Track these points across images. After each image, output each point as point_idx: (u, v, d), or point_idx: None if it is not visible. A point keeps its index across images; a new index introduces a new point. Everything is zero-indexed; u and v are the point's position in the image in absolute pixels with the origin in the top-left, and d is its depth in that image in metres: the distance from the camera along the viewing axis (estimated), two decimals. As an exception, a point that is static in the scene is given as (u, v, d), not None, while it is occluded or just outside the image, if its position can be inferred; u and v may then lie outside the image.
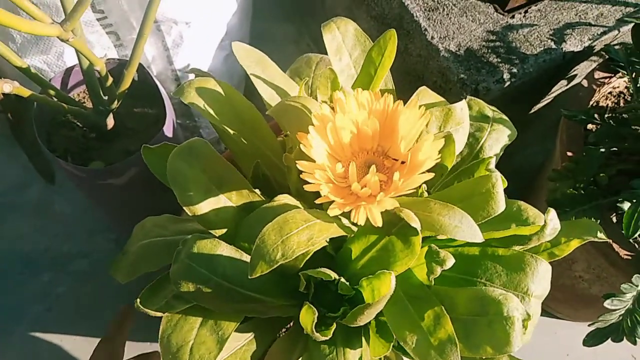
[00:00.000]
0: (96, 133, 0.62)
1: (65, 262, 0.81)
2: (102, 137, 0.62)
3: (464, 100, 0.43)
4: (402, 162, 0.33)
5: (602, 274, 0.58)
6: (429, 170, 0.31)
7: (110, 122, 0.61)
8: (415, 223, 0.32)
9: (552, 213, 0.37)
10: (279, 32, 1.00)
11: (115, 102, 0.57)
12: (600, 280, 0.60)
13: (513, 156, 0.90)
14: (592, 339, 0.50)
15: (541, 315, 0.81)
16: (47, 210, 0.85)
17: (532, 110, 0.78)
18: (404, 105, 0.33)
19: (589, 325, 0.50)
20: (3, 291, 0.79)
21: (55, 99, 0.55)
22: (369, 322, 0.39)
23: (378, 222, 0.30)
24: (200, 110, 0.40)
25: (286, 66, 0.51)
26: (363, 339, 0.40)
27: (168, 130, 0.60)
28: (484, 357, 0.38)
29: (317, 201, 0.31)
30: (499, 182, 0.35)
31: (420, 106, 0.33)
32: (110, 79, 0.53)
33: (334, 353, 0.39)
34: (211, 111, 0.40)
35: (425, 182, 0.39)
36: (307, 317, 0.33)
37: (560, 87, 0.74)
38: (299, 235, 0.33)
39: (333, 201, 0.31)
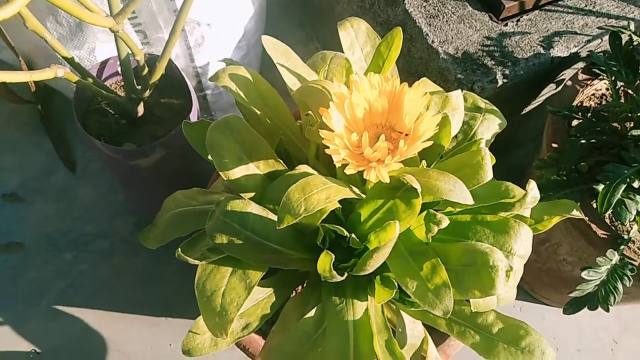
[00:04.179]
0: (127, 119, 0.69)
1: (86, 242, 0.87)
2: (132, 123, 0.69)
3: (459, 90, 0.49)
4: (406, 135, 0.39)
5: (584, 255, 0.64)
6: (427, 140, 0.38)
7: (140, 109, 0.67)
8: (416, 185, 0.38)
9: (533, 184, 0.44)
10: (290, 36, 1.07)
11: (147, 91, 0.64)
12: (582, 262, 0.66)
13: (507, 156, 0.97)
14: (571, 307, 0.56)
15: (530, 301, 0.88)
16: (70, 195, 0.91)
17: (524, 112, 0.85)
18: (409, 87, 0.39)
19: (567, 294, 0.56)
20: (29, 268, 0.85)
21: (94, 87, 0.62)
22: (374, 277, 0.46)
23: (386, 179, 0.37)
24: (231, 93, 0.46)
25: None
26: (369, 294, 0.46)
27: (193, 118, 0.67)
28: (473, 309, 0.45)
29: (336, 162, 0.37)
30: (487, 156, 0.42)
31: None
32: (146, 69, 0.60)
33: (344, 303, 0.45)
34: (241, 94, 0.46)
35: (424, 159, 0.46)
36: (325, 260, 0.39)
37: (550, 90, 0.81)
38: (318, 194, 0.39)
39: (348, 163, 0.37)
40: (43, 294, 0.83)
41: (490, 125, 0.53)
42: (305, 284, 0.51)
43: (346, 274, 0.42)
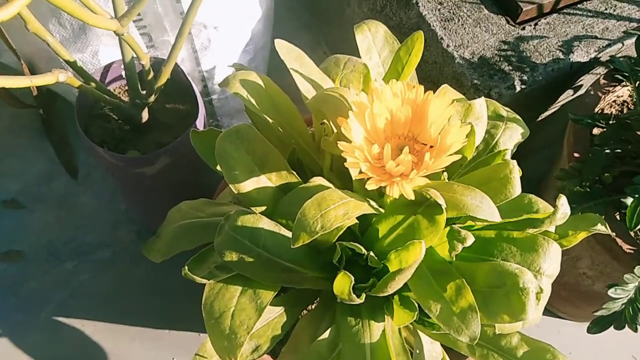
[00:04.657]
0: (131, 125, 0.66)
1: (88, 251, 0.85)
2: (136, 129, 0.66)
3: (483, 97, 0.47)
4: (431, 147, 0.37)
5: (606, 270, 0.62)
6: (455, 153, 0.35)
7: (144, 115, 0.65)
8: (441, 200, 0.35)
9: (563, 199, 0.41)
10: (298, 39, 1.04)
11: (152, 96, 0.61)
12: (604, 276, 0.63)
13: (521, 164, 0.95)
14: (596, 327, 0.53)
15: (545, 315, 0.85)
16: (71, 203, 0.89)
17: (540, 118, 0.82)
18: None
19: (593, 313, 0.53)
20: (29, 278, 0.82)
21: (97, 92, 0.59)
22: (392, 297, 0.43)
23: (411, 195, 0.34)
24: (242, 100, 0.43)
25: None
26: (386, 314, 0.44)
27: (200, 124, 0.64)
28: (497, 331, 0.42)
29: (356, 177, 0.35)
30: (516, 169, 0.39)
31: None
32: (152, 73, 0.57)
33: (360, 325, 0.42)
34: (253, 101, 0.44)
35: (445, 171, 0.43)
36: (344, 282, 0.37)
37: (567, 96, 0.78)
38: (336, 210, 0.36)
39: (369, 178, 0.35)
40: (43, 305, 0.80)
41: (512, 135, 0.51)
42: (316, 302, 0.48)
43: (364, 295, 0.40)
